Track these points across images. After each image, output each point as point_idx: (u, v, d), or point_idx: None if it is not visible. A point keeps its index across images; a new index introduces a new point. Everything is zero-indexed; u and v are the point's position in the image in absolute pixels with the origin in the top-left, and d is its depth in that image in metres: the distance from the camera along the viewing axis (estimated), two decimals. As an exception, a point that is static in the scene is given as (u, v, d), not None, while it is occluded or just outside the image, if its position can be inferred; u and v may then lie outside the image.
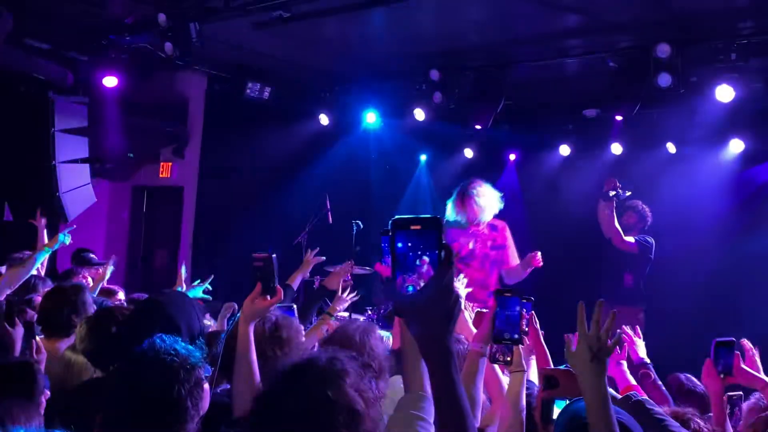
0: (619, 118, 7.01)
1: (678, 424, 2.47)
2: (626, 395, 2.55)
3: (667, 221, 7.66)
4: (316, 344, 3.19)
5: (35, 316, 4.11)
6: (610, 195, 6.97)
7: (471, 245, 5.97)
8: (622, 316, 7.05)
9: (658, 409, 2.48)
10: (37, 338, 3.34)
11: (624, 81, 6.54)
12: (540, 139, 9.44)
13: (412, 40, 7.06)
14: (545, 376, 2.44)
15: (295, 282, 4.81)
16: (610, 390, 2.41)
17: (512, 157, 10.16)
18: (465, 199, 5.89)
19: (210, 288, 5.04)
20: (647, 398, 2.55)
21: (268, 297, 2.57)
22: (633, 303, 7.12)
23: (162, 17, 6.24)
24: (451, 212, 5.97)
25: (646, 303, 7.30)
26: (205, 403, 2.23)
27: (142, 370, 2.12)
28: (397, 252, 1.37)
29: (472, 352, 2.59)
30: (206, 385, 2.22)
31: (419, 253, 1.37)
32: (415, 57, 7.44)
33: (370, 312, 7.44)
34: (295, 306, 3.43)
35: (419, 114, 8.55)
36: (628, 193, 7.07)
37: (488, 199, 5.93)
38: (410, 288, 1.37)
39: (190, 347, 2.23)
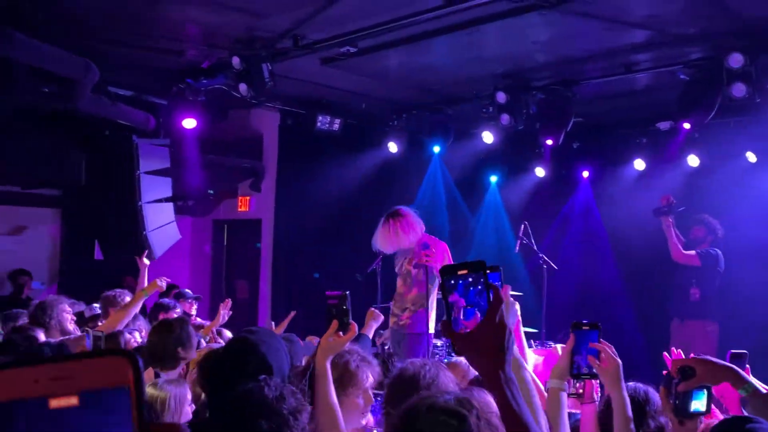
0: (686, 126, 6.90)
1: None
2: None
3: (746, 232, 7.44)
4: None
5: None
6: (662, 211, 7.09)
7: (400, 262, 6.38)
8: (689, 330, 6.95)
9: None
10: None
11: (697, 92, 6.41)
12: (613, 155, 9.30)
13: (477, 64, 7.10)
14: (680, 368, 2.27)
15: (369, 330, 4.92)
16: (755, 381, 2.26)
17: (585, 174, 10.03)
18: (385, 226, 6.29)
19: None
20: None
21: (341, 333, 2.67)
22: (701, 316, 7.10)
23: (236, 60, 6.51)
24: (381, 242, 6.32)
25: (717, 316, 7.14)
26: None
27: (252, 414, 2.09)
28: (450, 295, 1.50)
29: (551, 390, 2.59)
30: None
31: (469, 294, 1.50)
32: (481, 80, 7.48)
33: None
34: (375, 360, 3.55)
35: (488, 137, 8.58)
36: (681, 208, 7.14)
37: (406, 228, 6.23)
38: (465, 326, 1.49)
39: (295, 390, 2.24)
